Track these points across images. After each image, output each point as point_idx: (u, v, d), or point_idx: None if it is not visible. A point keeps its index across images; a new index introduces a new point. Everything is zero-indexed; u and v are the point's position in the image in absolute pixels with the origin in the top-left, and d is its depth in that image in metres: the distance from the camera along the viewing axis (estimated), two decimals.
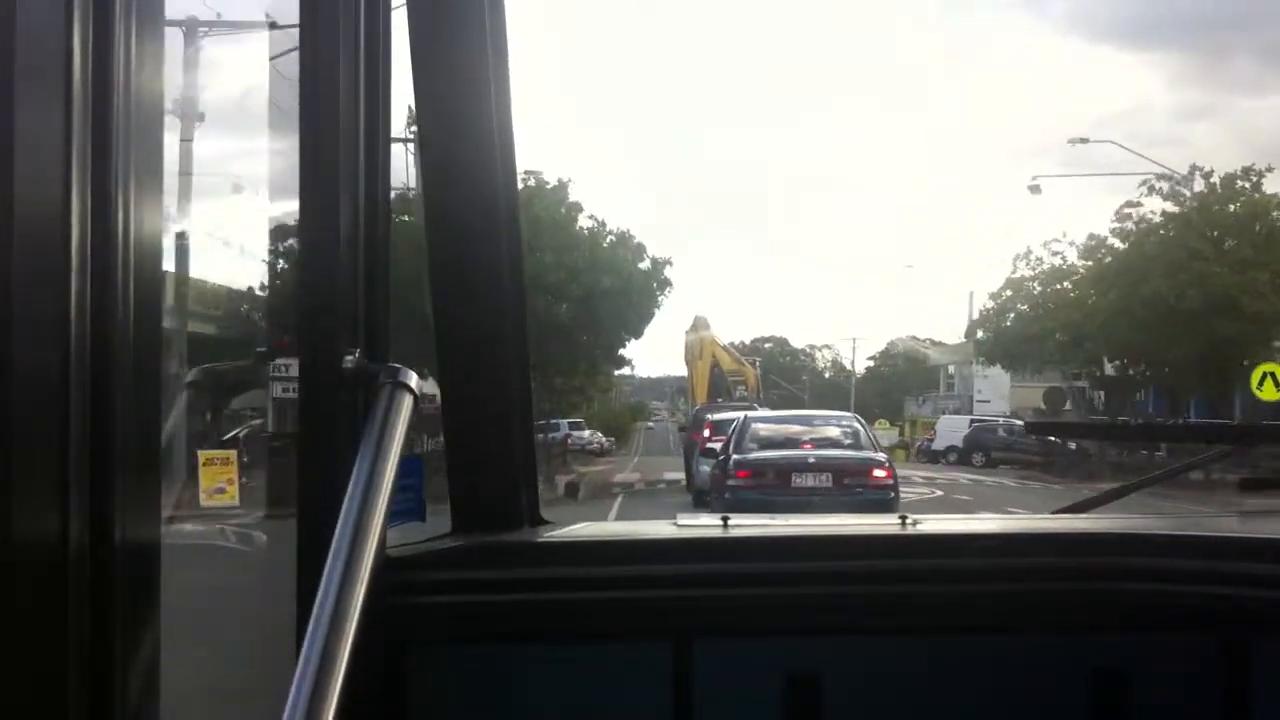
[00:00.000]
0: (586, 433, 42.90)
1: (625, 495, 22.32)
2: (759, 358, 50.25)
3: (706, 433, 19.63)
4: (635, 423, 63.20)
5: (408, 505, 1.86)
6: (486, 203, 2.01)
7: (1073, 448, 26.96)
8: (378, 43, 1.72)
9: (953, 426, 37.77)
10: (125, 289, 1.09)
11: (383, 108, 1.74)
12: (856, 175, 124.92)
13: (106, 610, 1.07)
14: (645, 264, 26.99)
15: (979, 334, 38.34)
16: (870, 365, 69.62)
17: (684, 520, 2.16)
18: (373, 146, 1.71)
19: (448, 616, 1.96)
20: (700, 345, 40.31)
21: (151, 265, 1.14)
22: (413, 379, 1.57)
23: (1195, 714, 2.01)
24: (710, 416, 21.73)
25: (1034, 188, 33.19)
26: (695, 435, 24.93)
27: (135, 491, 1.11)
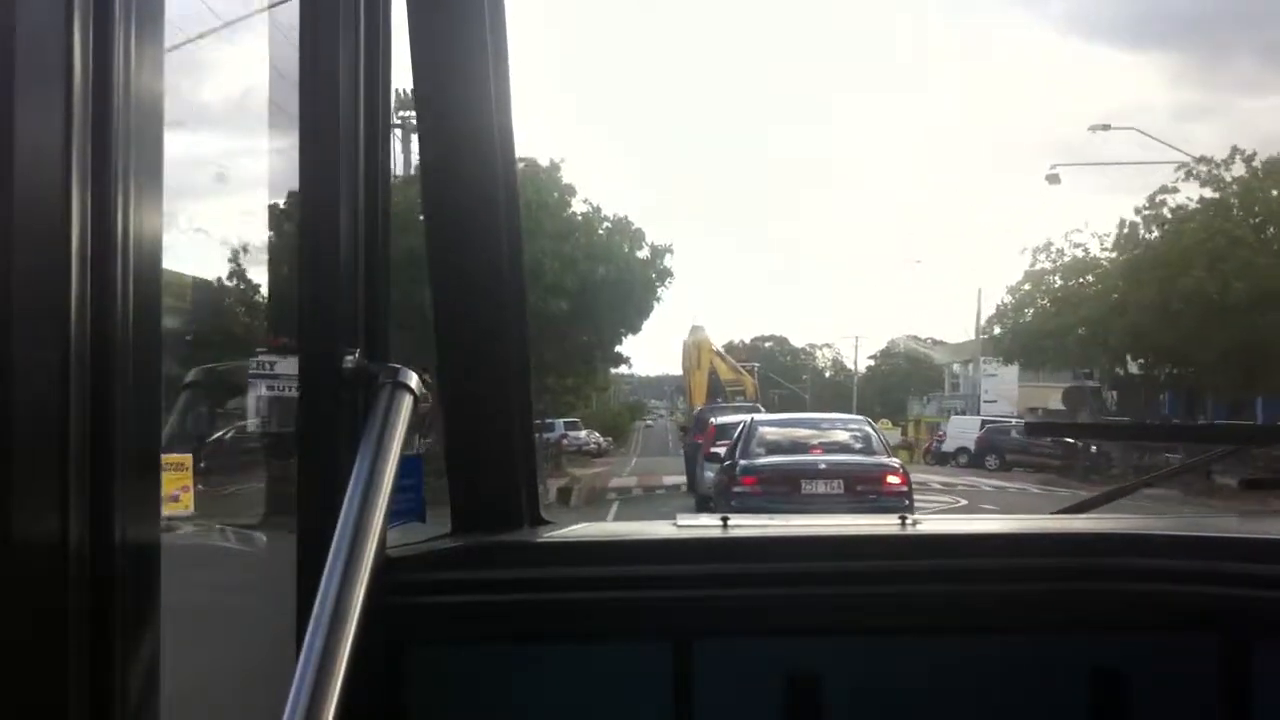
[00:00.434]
0: (583, 433, 42.15)
1: (622, 502, 21.28)
2: (758, 364, 50.06)
3: (709, 436, 19.07)
4: (634, 422, 63.11)
5: (408, 505, 1.86)
6: (487, 203, 2.01)
7: (1093, 450, 25.61)
8: (378, 41, 1.72)
9: (963, 428, 36.50)
10: (125, 289, 1.09)
11: (383, 106, 1.74)
12: (856, 172, 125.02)
13: (106, 610, 1.07)
14: (644, 252, 25.20)
15: (996, 330, 36.72)
16: (871, 364, 69.51)
17: (684, 520, 2.16)
18: (373, 146, 1.71)
19: (448, 617, 1.96)
20: (698, 353, 40.17)
21: (151, 265, 1.14)
22: (413, 379, 1.57)
23: (1195, 714, 2.01)
24: (715, 420, 20.95)
25: (1052, 177, 30.86)
26: (697, 436, 24.75)
27: (135, 491, 1.11)
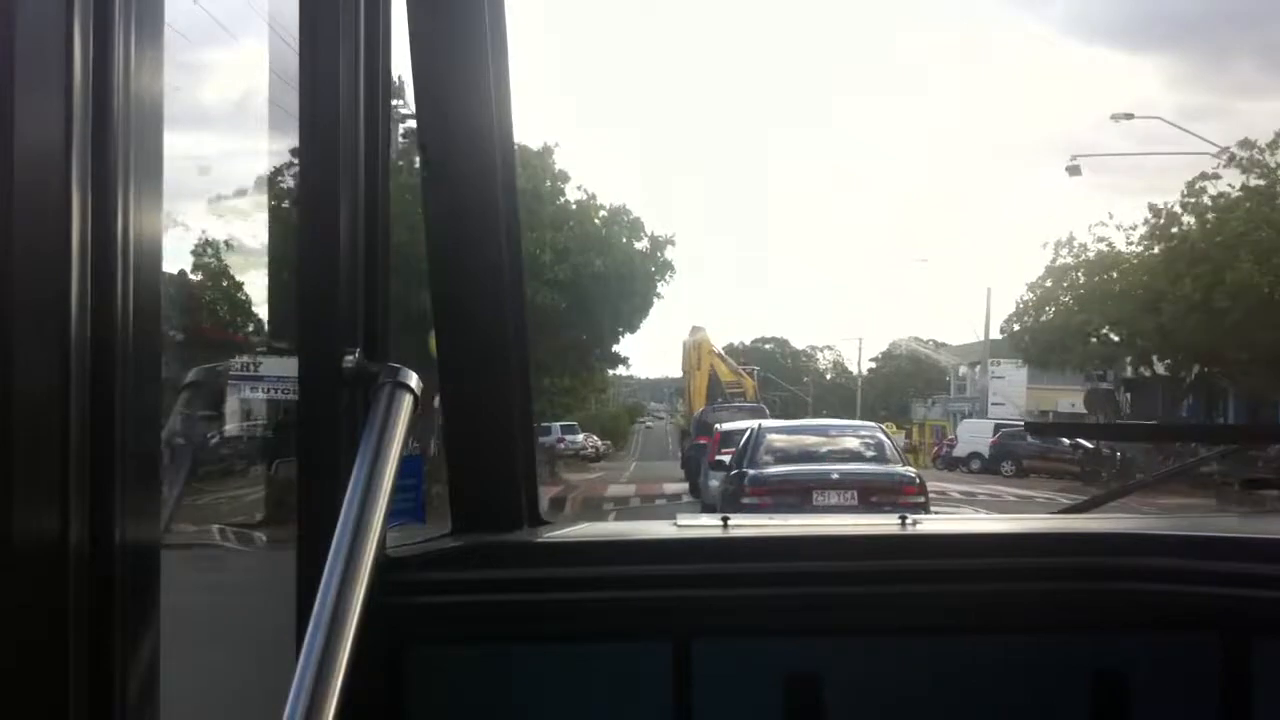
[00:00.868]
0: (580, 436, 41.38)
1: (619, 514, 19.67)
2: (757, 366, 49.87)
3: (714, 443, 18.45)
4: (633, 424, 62.91)
5: (407, 506, 1.86)
6: (486, 204, 2.01)
7: (1116, 455, 24.67)
8: (377, 41, 1.72)
9: (975, 431, 34.90)
10: (125, 289, 1.08)
11: (383, 106, 1.74)
12: (857, 172, 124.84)
13: (106, 611, 1.07)
14: (643, 243, 23.39)
15: (1015, 328, 34.66)
16: (873, 367, 69.20)
17: (684, 520, 2.16)
18: (373, 145, 1.71)
19: (447, 616, 1.96)
20: (698, 355, 40.07)
21: (151, 265, 1.14)
22: (413, 379, 1.57)
23: (1196, 714, 2.01)
24: (720, 427, 20.11)
25: (1073, 168, 29.68)
26: (700, 438, 24.21)
27: (135, 492, 1.11)
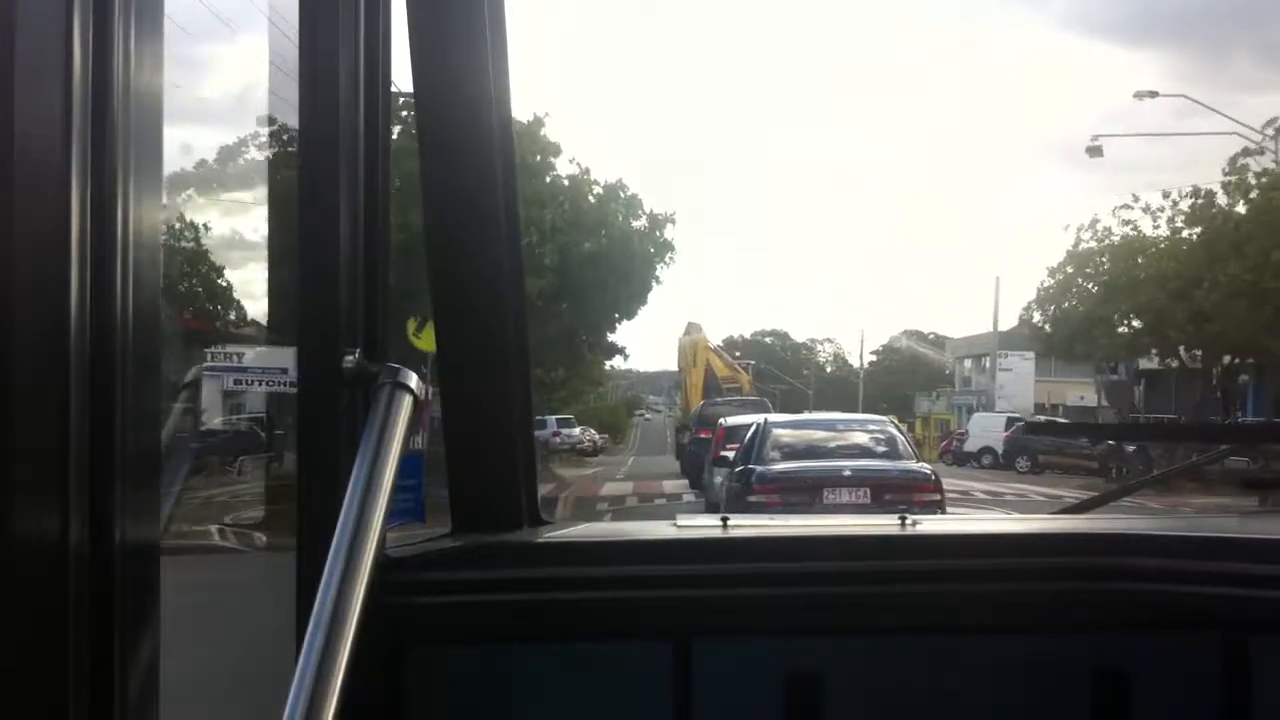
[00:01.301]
0: (577, 430, 40.25)
1: (615, 516, 18.15)
2: (753, 361, 49.68)
3: (718, 439, 17.49)
4: (631, 417, 62.63)
5: (407, 505, 1.86)
6: (486, 204, 2.01)
7: (1133, 450, 23.16)
8: (377, 40, 1.72)
9: (987, 426, 32.94)
10: (125, 288, 1.08)
11: (383, 105, 1.74)
12: (859, 165, 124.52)
13: (106, 611, 1.07)
14: (641, 222, 21.35)
15: (1035, 317, 33.06)
16: (874, 359, 68.88)
17: (684, 520, 2.16)
18: (373, 145, 1.71)
19: (447, 616, 1.96)
20: (694, 351, 39.97)
21: (151, 264, 1.14)
22: (413, 379, 1.57)
23: (1196, 714, 2.01)
24: (725, 421, 19.05)
25: (1094, 149, 28.42)
26: (702, 432, 23.90)
27: (135, 492, 1.11)
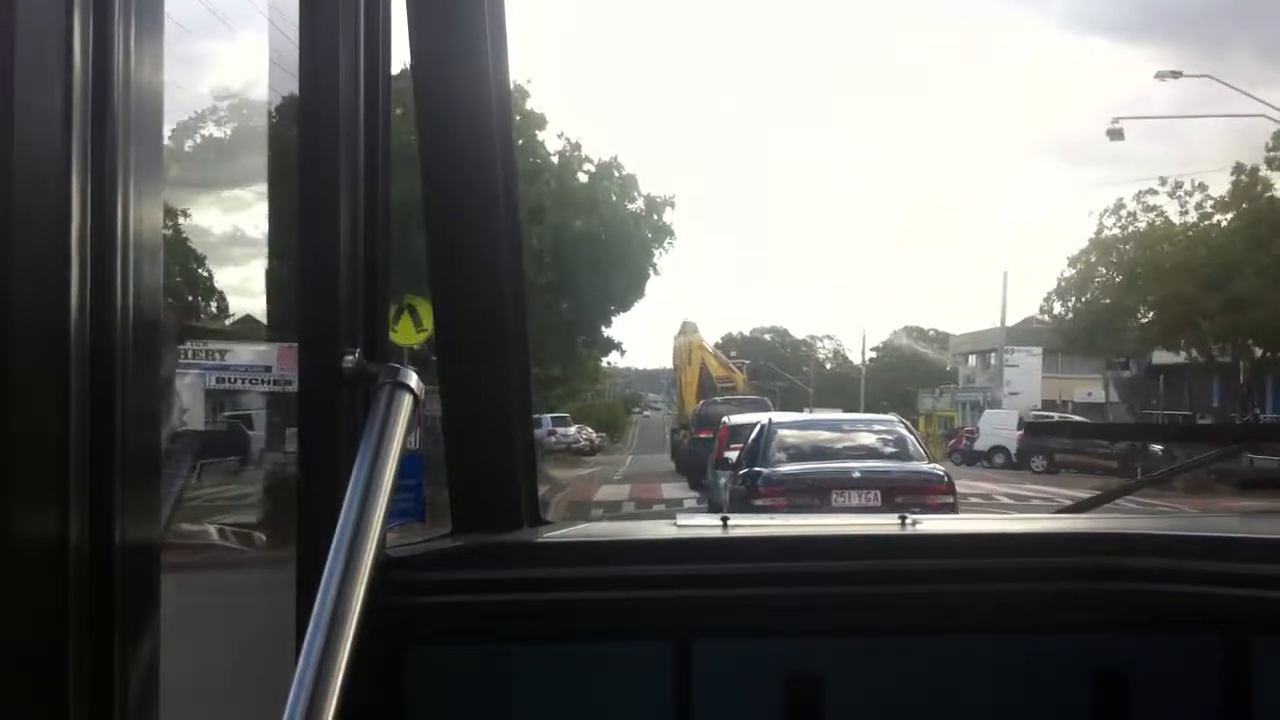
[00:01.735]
0: (573, 429, 39.23)
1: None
2: (748, 361, 49.50)
3: (722, 439, 16.71)
4: (630, 415, 62.31)
5: (407, 505, 1.86)
6: (486, 204, 2.01)
7: (1158, 450, 22.01)
8: (378, 42, 1.72)
9: (998, 424, 31.35)
10: (125, 287, 1.08)
11: (383, 105, 1.74)
12: (859, 158, 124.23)
13: (106, 610, 1.07)
14: (637, 204, 19.33)
15: (1055, 307, 31.72)
16: (874, 356, 68.46)
17: (684, 520, 2.16)
18: (373, 144, 1.71)
19: (447, 616, 1.96)
20: (689, 351, 39.91)
21: (152, 262, 1.14)
22: (413, 379, 1.57)
23: (1196, 714, 2.01)
24: (729, 420, 18.30)
25: (1115, 131, 26.78)
26: (702, 432, 23.47)
27: (135, 490, 1.11)
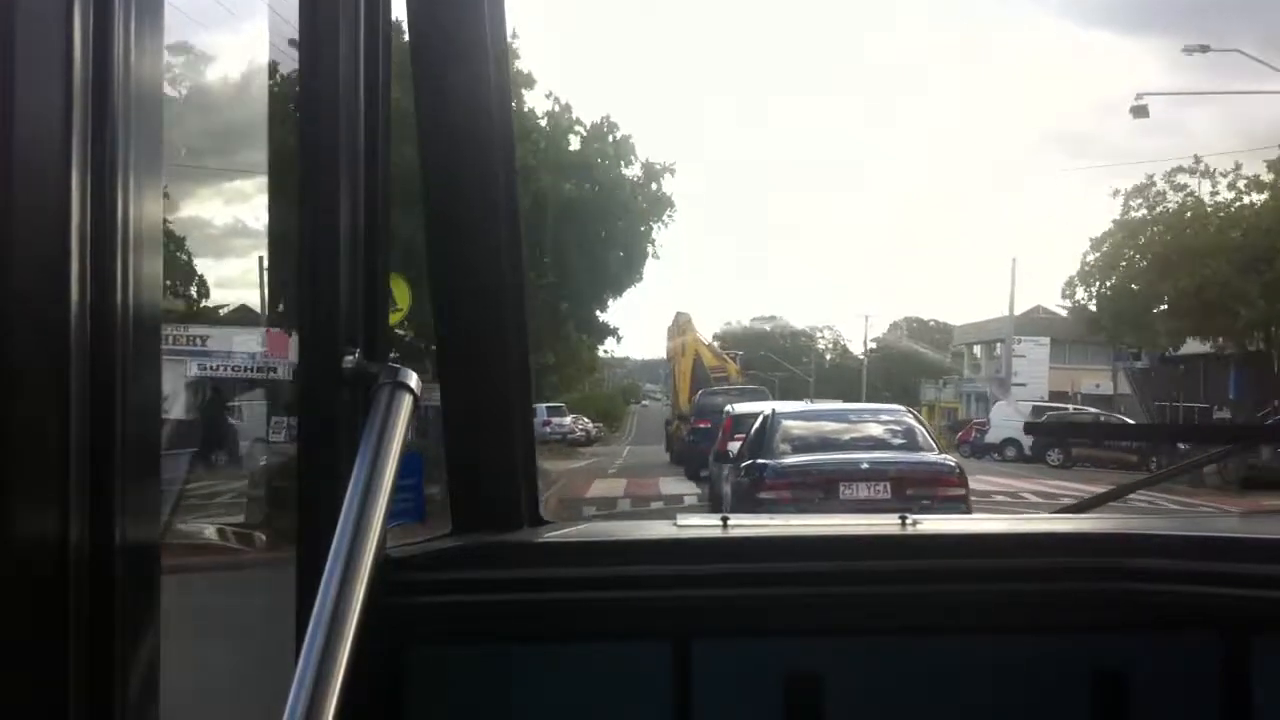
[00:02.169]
0: (568, 419, 37.97)
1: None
2: (741, 351, 49.24)
3: (726, 429, 16.07)
4: (629, 405, 62.05)
5: (407, 505, 1.86)
6: (486, 205, 2.01)
7: (1182, 445, 20.52)
8: (378, 41, 1.72)
9: (1010, 415, 30.30)
10: (125, 284, 1.08)
11: (383, 106, 1.74)
12: (857, 154, 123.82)
13: (106, 611, 1.07)
14: (634, 170, 17.36)
15: (1078, 293, 30.01)
16: (873, 347, 67.97)
17: (683, 520, 2.16)
18: (373, 144, 1.71)
19: (447, 616, 1.96)
20: (683, 343, 40.03)
21: (152, 257, 1.13)
22: (413, 379, 1.57)
23: (1196, 714, 2.01)
24: (732, 409, 17.35)
25: (1139, 109, 25.17)
26: (700, 422, 22.91)
27: (135, 488, 1.11)
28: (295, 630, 1.44)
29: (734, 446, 13.98)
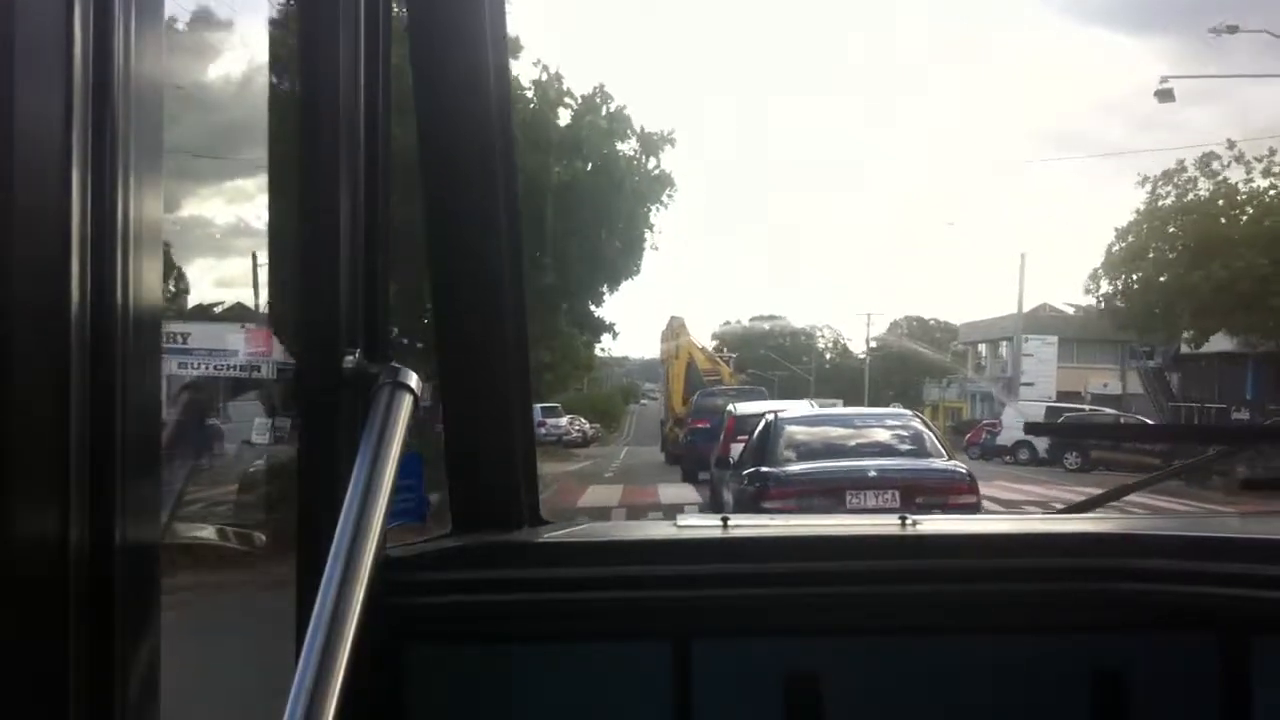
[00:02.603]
0: (564, 420, 37.46)
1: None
2: (735, 354, 49.23)
3: (728, 430, 15.51)
4: (627, 404, 61.95)
5: (407, 505, 1.86)
6: (486, 204, 2.01)
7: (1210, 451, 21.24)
8: (378, 41, 1.71)
9: (1024, 415, 28.95)
10: (126, 280, 1.08)
11: (383, 105, 1.73)
12: (858, 151, 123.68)
13: (106, 611, 1.07)
14: (630, 145, 15.76)
15: (1103, 286, 28.59)
16: (874, 346, 67.85)
17: (684, 520, 2.16)
18: (373, 144, 1.71)
19: (447, 617, 1.96)
20: (676, 346, 40.13)
21: (152, 256, 1.13)
22: (413, 379, 1.57)
23: (1196, 714, 2.01)
24: (735, 409, 16.73)
25: (1164, 92, 24.60)
26: (698, 423, 22.74)
27: (136, 487, 1.11)
28: (295, 630, 1.44)
29: (736, 448, 13.49)
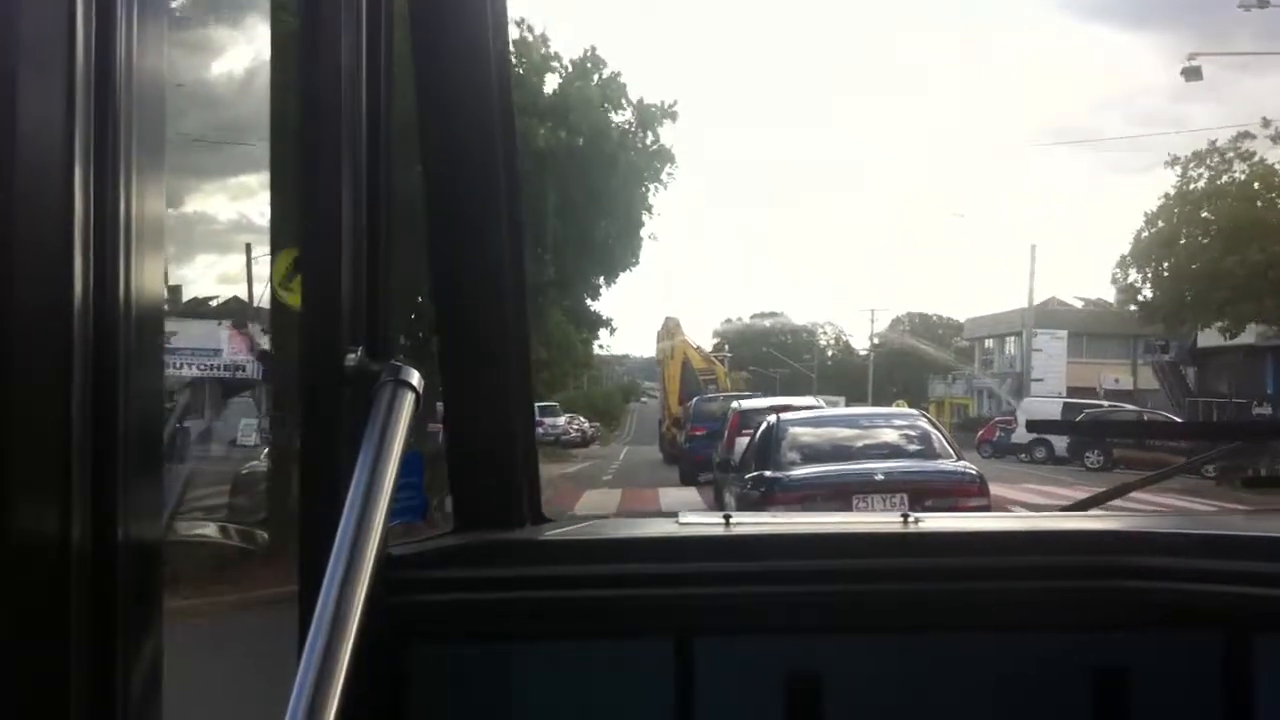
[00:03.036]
0: (562, 419, 36.76)
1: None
2: (730, 354, 49.18)
3: (733, 427, 15.13)
4: (627, 403, 61.94)
5: (408, 504, 1.86)
6: (487, 203, 2.01)
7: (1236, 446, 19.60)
8: (380, 38, 1.71)
9: (1039, 412, 27.39)
10: (128, 279, 1.08)
11: (385, 105, 1.73)
12: (859, 151, 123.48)
13: (108, 611, 1.07)
14: (625, 115, 14.24)
15: (1130, 275, 27.08)
16: (876, 343, 67.65)
17: (686, 518, 2.16)
18: (374, 143, 1.71)
19: (449, 615, 1.96)
20: (671, 346, 40.22)
21: (154, 254, 1.13)
22: (415, 377, 1.57)
23: (1198, 713, 2.01)
24: (739, 405, 16.24)
25: (1191, 70, 23.66)
26: (697, 429, 22.92)
27: (137, 487, 1.11)
28: (297, 629, 1.44)
29: (741, 442, 13.07)
